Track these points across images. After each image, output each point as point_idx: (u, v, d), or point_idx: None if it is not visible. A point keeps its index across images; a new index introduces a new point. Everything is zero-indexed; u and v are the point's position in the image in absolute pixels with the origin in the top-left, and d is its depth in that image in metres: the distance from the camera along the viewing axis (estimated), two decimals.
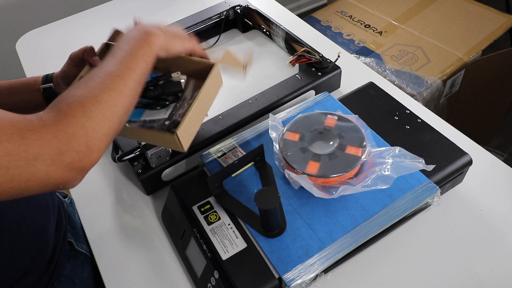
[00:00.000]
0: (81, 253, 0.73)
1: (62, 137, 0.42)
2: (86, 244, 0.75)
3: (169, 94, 0.62)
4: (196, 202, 0.64)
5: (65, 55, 0.69)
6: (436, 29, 1.41)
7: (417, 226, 0.65)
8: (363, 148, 0.63)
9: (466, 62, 1.30)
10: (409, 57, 1.34)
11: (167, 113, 0.60)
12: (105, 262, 0.68)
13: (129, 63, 0.51)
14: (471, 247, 0.63)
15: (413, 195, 0.61)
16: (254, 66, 0.96)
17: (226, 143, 0.72)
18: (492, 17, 1.41)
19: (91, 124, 0.44)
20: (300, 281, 0.54)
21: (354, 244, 0.58)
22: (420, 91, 1.23)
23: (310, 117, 0.70)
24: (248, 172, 0.67)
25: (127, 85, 0.50)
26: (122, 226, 0.72)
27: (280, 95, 0.81)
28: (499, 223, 0.65)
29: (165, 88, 0.61)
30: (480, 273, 0.60)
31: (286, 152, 0.65)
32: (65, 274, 0.68)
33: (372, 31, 1.45)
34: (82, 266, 0.72)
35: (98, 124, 0.45)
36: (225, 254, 0.58)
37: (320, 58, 0.86)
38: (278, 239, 0.58)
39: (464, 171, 0.68)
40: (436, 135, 0.70)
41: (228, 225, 0.61)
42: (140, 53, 0.53)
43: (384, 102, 0.77)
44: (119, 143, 0.76)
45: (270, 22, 0.98)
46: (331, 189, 0.60)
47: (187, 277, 0.64)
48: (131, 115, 0.59)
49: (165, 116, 0.60)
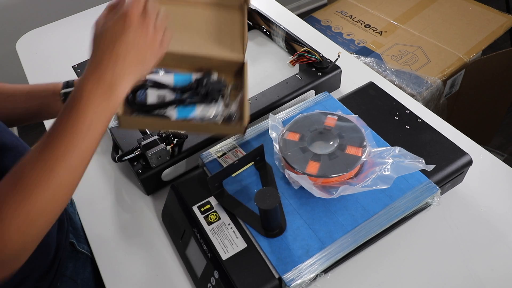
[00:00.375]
0: (82, 254, 0.73)
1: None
2: (87, 245, 0.75)
3: (215, 91, 0.64)
4: (196, 202, 0.64)
5: (65, 55, 0.69)
6: (436, 29, 1.41)
7: (417, 226, 0.65)
8: (363, 148, 0.63)
9: (466, 62, 1.30)
10: (409, 57, 1.34)
11: (220, 107, 0.64)
12: (105, 262, 0.68)
13: (72, 137, 0.45)
14: (471, 247, 0.63)
15: (413, 195, 0.61)
16: (254, 66, 0.96)
17: (226, 143, 0.72)
18: (492, 17, 1.41)
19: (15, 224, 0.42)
20: (300, 281, 0.54)
21: (354, 244, 0.58)
22: (420, 91, 1.23)
23: (310, 117, 0.70)
24: (248, 172, 0.67)
25: (61, 174, 0.44)
26: (122, 226, 0.72)
27: (280, 95, 0.81)
28: (499, 223, 0.65)
29: (211, 86, 0.64)
30: (480, 273, 0.60)
31: (286, 152, 0.65)
32: (67, 275, 0.68)
33: (372, 31, 1.45)
34: (84, 266, 0.72)
35: (21, 226, 0.42)
36: (225, 254, 0.58)
37: (320, 58, 0.86)
38: (278, 239, 0.58)
39: (464, 171, 0.68)
40: (436, 135, 0.70)
41: (228, 225, 0.61)
42: (94, 116, 0.46)
43: (384, 102, 0.77)
44: (119, 143, 0.76)
45: (270, 22, 0.98)
46: (331, 189, 0.60)
47: (187, 277, 0.64)
48: (182, 112, 0.62)
49: (220, 111, 0.63)
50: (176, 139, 0.74)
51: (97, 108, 0.46)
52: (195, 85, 0.64)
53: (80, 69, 0.96)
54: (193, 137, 0.75)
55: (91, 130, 0.46)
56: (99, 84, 0.47)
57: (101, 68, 0.47)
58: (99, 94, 0.46)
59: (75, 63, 0.97)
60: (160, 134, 0.72)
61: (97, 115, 0.46)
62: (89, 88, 0.46)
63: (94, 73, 0.47)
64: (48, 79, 1.06)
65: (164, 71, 0.67)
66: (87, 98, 0.46)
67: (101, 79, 0.47)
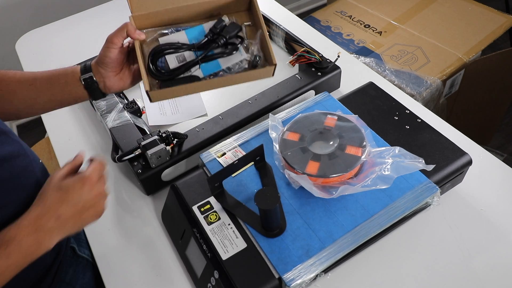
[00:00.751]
0: (83, 259, 0.72)
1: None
2: (88, 249, 0.75)
3: (233, 37, 0.64)
4: (196, 202, 0.64)
5: (65, 55, 0.69)
6: (436, 29, 1.41)
7: (417, 226, 0.65)
8: (363, 148, 0.63)
9: (465, 62, 1.30)
10: (409, 57, 1.34)
11: (243, 53, 0.63)
12: (105, 262, 0.68)
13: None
14: (471, 247, 0.63)
15: (413, 195, 0.61)
16: None
17: (226, 143, 0.72)
18: (492, 17, 1.41)
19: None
20: (300, 281, 0.54)
21: (354, 244, 0.58)
22: (420, 91, 1.23)
23: (310, 117, 0.70)
24: (248, 172, 0.67)
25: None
26: (122, 226, 0.72)
27: (280, 95, 0.81)
28: (499, 223, 0.65)
29: (227, 33, 0.63)
30: (480, 273, 0.60)
31: (286, 152, 0.65)
32: (66, 281, 0.68)
33: (372, 31, 1.45)
34: (84, 271, 0.71)
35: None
36: (225, 254, 0.58)
37: (320, 58, 0.86)
38: (278, 239, 0.58)
39: (464, 171, 0.68)
40: (436, 135, 0.70)
41: (228, 225, 0.61)
42: (20, 258, 0.50)
43: (384, 102, 0.77)
44: (119, 143, 0.76)
45: (270, 22, 0.98)
46: (331, 189, 0.60)
47: (187, 277, 0.64)
48: (211, 69, 0.63)
49: (244, 57, 0.63)
50: (176, 139, 0.74)
51: (25, 251, 0.50)
52: (211, 36, 0.63)
53: None
54: (193, 137, 0.75)
55: (12, 267, 0.49)
56: (35, 233, 0.51)
57: (41, 221, 0.51)
58: (30, 241, 0.50)
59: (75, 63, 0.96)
60: (160, 134, 0.72)
61: (22, 256, 0.50)
62: (23, 233, 0.50)
63: (35, 222, 0.51)
64: None
65: (174, 30, 0.66)
66: (18, 242, 0.49)
67: (38, 230, 0.50)
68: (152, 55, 0.64)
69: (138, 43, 0.63)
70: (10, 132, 0.59)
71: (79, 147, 0.87)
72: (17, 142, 0.60)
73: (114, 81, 0.65)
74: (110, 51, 0.62)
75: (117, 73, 0.65)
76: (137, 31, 0.63)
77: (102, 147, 0.86)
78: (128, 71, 0.66)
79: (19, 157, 0.58)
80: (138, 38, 0.63)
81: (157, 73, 0.63)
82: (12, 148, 0.58)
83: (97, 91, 0.65)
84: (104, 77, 0.64)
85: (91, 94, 0.65)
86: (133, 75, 0.66)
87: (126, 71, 0.66)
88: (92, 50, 0.99)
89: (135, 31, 0.62)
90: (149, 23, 0.68)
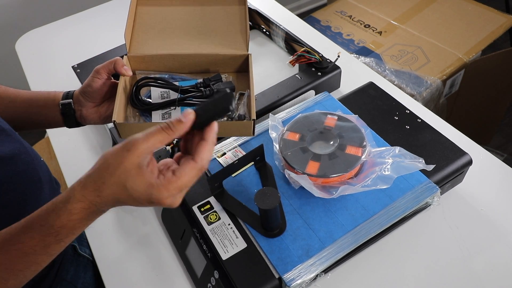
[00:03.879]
0: (84, 257, 0.72)
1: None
2: (89, 248, 0.75)
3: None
4: (196, 202, 0.64)
5: (65, 55, 0.69)
6: (436, 29, 1.41)
7: (417, 226, 0.65)
8: (363, 148, 0.63)
9: (466, 62, 1.30)
10: (409, 57, 1.34)
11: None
12: (105, 262, 0.68)
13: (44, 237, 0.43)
14: (471, 247, 0.63)
15: (413, 195, 0.61)
16: (254, 66, 0.96)
17: (226, 143, 0.72)
18: (492, 17, 1.41)
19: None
20: (300, 281, 0.54)
21: (354, 244, 0.58)
22: (420, 91, 1.23)
23: (310, 117, 0.70)
24: (248, 172, 0.67)
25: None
26: (122, 226, 0.72)
27: (280, 95, 0.81)
28: (499, 223, 0.65)
29: (219, 87, 0.63)
30: (480, 273, 0.60)
31: (286, 152, 0.65)
32: (68, 279, 0.68)
33: (372, 31, 1.45)
34: (85, 270, 0.71)
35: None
36: (225, 254, 0.58)
37: (320, 58, 0.86)
38: (278, 239, 0.58)
39: (464, 171, 0.68)
40: (436, 135, 0.70)
41: (228, 225, 0.61)
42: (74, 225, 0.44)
43: (384, 102, 0.77)
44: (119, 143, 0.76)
45: (270, 22, 0.98)
46: (331, 189, 0.60)
47: (187, 277, 0.64)
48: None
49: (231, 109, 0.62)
50: (176, 139, 0.74)
51: (79, 223, 0.44)
52: (201, 85, 0.63)
53: (80, 69, 0.95)
54: None
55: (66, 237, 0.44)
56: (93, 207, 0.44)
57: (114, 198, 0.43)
58: (88, 213, 0.44)
59: (75, 63, 0.97)
60: None
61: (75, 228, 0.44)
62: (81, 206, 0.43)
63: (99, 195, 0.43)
64: (48, 79, 1.06)
65: (170, 77, 0.67)
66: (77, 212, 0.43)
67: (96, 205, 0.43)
68: (136, 85, 0.63)
69: (123, 79, 0.62)
70: (10, 131, 0.59)
71: (79, 147, 0.87)
72: (18, 141, 0.60)
73: (91, 112, 0.64)
74: (94, 81, 0.62)
75: (95, 105, 0.64)
76: (124, 66, 0.62)
77: (102, 147, 0.86)
78: (107, 106, 0.65)
79: (21, 156, 0.58)
80: (124, 74, 0.62)
81: (137, 102, 0.63)
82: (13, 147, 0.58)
83: (72, 118, 0.65)
84: (82, 106, 0.64)
85: (66, 121, 0.65)
86: (111, 111, 0.63)
87: (105, 105, 0.65)
88: (92, 50, 0.99)
89: (122, 66, 0.61)
90: (144, 66, 0.68)
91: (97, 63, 0.97)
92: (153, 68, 0.69)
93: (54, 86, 0.72)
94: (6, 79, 1.75)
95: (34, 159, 0.61)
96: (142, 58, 0.67)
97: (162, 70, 0.69)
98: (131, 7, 0.70)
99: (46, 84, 1.05)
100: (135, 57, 0.67)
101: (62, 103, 0.64)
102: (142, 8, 0.71)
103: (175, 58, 0.67)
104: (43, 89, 1.02)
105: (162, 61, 0.67)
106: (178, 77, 0.67)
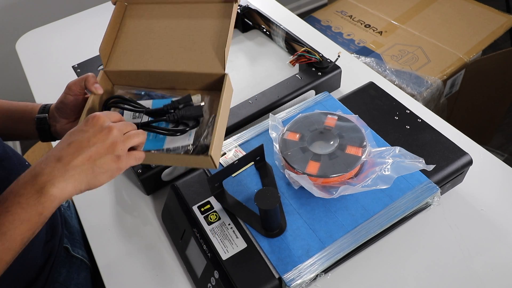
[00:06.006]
0: (77, 259, 0.72)
1: None
2: (83, 249, 0.75)
3: (190, 118, 0.59)
4: (196, 202, 0.64)
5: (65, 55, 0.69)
6: (436, 29, 1.41)
7: (417, 226, 0.65)
8: (363, 148, 0.63)
9: (466, 62, 1.30)
10: (409, 57, 1.34)
11: (191, 138, 0.58)
12: (105, 262, 0.68)
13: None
14: (471, 247, 0.63)
15: (413, 195, 0.61)
16: (254, 66, 0.96)
17: (226, 143, 0.72)
18: (492, 17, 1.41)
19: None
20: (300, 281, 0.54)
21: (354, 244, 0.58)
22: (420, 91, 1.23)
23: (310, 117, 0.70)
24: (248, 172, 0.67)
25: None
26: (122, 226, 0.72)
27: (280, 95, 0.81)
28: (499, 223, 0.65)
29: (186, 112, 0.58)
30: (480, 273, 0.60)
31: (286, 152, 0.65)
32: (60, 281, 0.67)
33: (372, 31, 1.45)
34: (78, 271, 0.71)
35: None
36: (225, 254, 0.58)
37: (320, 58, 0.86)
38: (278, 239, 0.58)
39: (464, 171, 0.68)
40: (436, 135, 0.70)
41: (228, 225, 0.61)
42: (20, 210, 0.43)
43: (384, 102, 0.77)
44: None
45: (270, 22, 0.98)
46: (331, 189, 0.60)
47: (187, 277, 0.64)
48: (153, 145, 0.57)
49: (189, 142, 0.58)
50: None
51: (25, 202, 0.44)
52: (167, 108, 0.59)
53: (80, 69, 0.96)
54: None
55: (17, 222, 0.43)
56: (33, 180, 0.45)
57: (39, 166, 0.45)
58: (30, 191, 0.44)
59: (75, 63, 0.97)
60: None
61: (22, 208, 0.44)
62: (20, 183, 0.45)
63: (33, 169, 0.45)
64: (48, 79, 1.06)
65: (145, 93, 0.64)
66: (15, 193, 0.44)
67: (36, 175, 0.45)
68: (104, 105, 0.61)
69: (92, 96, 0.60)
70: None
71: None
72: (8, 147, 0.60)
73: (64, 129, 0.63)
74: (66, 97, 0.60)
75: (69, 121, 0.63)
76: (95, 84, 0.59)
77: None
78: None
79: (2, 162, 0.58)
80: (94, 91, 0.59)
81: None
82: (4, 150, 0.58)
83: (47, 132, 0.64)
84: (57, 121, 0.63)
85: (41, 135, 0.64)
86: None
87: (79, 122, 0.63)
88: (92, 50, 0.99)
89: (93, 84, 0.59)
90: (123, 81, 0.66)
91: (97, 63, 0.98)
92: (131, 83, 0.66)
93: (54, 86, 0.72)
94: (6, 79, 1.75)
95: (17, 165, 0.61)
96: (119, 73, 0.64)
97: (140, 86, 0.66)
98: (112, 19, 0.67)
99: (46, 84, 1.05)
100: (112, 72, 0.64)
101: (38, 116, 0.63)
102: (131, 21, 0.68)
103: (151, 75, 0.63)
104: (43, 88, 1.03)
105: (138, 77, 0.64)
106: (154, 94, 0.64)
